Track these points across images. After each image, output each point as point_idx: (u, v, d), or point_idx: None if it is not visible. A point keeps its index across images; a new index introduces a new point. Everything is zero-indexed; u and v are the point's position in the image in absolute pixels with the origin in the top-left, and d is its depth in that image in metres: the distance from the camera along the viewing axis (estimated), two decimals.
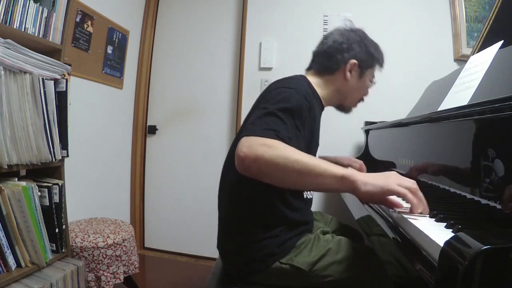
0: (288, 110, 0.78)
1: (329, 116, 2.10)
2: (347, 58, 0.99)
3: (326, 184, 0.70)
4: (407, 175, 1.11)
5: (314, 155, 0.98)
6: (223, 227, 0.98)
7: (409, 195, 0.65)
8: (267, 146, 0.68)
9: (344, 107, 1.09)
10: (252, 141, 0.69)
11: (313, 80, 1.01)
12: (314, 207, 1.10)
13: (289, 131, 0.76)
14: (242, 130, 0.81)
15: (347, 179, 0.68)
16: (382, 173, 0.71)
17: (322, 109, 1.06)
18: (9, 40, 1.02)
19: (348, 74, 1.00)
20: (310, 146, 0.91)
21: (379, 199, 0.70)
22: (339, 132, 2.10)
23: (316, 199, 2.10)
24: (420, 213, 0.65)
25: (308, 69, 1.07)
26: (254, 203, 0.90)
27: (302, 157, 0.69)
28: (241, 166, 0.70)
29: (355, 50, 0.99)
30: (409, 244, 0.56)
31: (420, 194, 0.66)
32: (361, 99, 1.10)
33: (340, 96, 1.04)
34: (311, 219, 1.04)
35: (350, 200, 1.13)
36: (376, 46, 1.04)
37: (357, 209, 0.98)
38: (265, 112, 0.76)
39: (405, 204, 0.71)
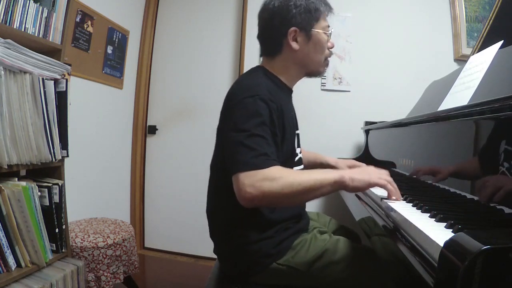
0: (262, 123, 0.79)
1: (329, 117, 2.12)
2: (284, 30, 0.91)
3: (324, 192, 0.77)
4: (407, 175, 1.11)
5: (293, 144, 0.96)
6: (217, 232, 0.98)
7: (388, 186, 0.78)
8: (269, 180, 0.72)
9: (312, 73, 1.00)
10: (252, 178, 0.72)
11: (270, 66, 0.97)
12: (312, 208, 1.09)
13: (271, 144, 0.79)
14: (227, 151, 0.80)
15: (338, 181, 0.76)
16: (362, 168, 0.83)
17: (290, 92, 1.02)
18: (9, 40, 1.02)
19: (294, 44, 0.92)
20: (285, 139, 0.90)
21: (363, 190, 0.81)
22: (339, 132, 2.10)
23: (314, 200, 2.10)
24: (395, 199, 0.79)
25: (262, 56, 1.01)
26: (241, 207, 0.90)
27: (301, 177, 0.75)
28: (250, 205, 0.74)
29: (287, 18, 0.90)
30: (409, 244, 0.56)
31: (395, 184, 0.80)
32: (329, 55, 0.99)
33: (301, 67, 0.97)
34: (301, 213, 1.03)
35: (350, 201, 1.13)
36: None
37: (358, 210, 0.98)
38: (245, 136, 0.76)
39: (380, 193, 0.84)
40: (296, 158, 1.00)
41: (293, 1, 0.91)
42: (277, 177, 0.72)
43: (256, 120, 0.78)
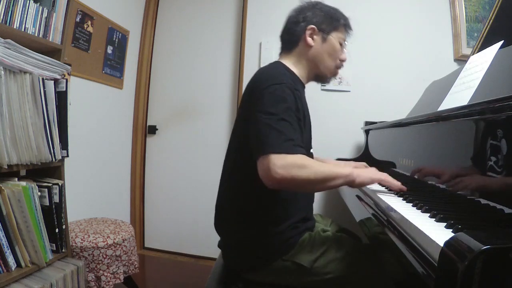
0: (289, 109, 0.83)
1: (329, 117, 2.12)
2: (304, 26, 1.00)
3: (336, 184, 0.85)
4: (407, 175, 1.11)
5: (310, 135, 1.02)
6: (227, 222, 0.99)
7: (389, 178, 0.91)
8: (298, 167, 0.78)
9: (320, 76, 1.07)
10: (284, 161, 0.77)
11: (287, 61, 1.03)
12: (314, 210, 1.10)
13: (297, 130, 0.83)
14: (252, 137, 0.84)
15: (349, 176, 0.84)
16: (366, 168, 0.93)
17: (304, 87, 1.07)
18: (9, 40, 1.02)
19: (309, 40, 1.00)
20: (306, 126, 0.96)
21: (367, 184, 0.91)
22: (339, 132, 2.10)
23: (316, 202, 2.10)
24: (399, 192, 0.91)
25: (280, 53, 1.08)
26: (255, 200, 0.91)
27: (323, 168, 0.82)
28: (277, 186, 0.79)
29: (310, 16, 1.01)
30: (409, 244, 0.56)
31: (395, 181, 0.91)
32: (339, 66, 1.07)
33: (312, 65, 1.04)
34: (310, 213, 1.05)
35: (351, 203, 1.13)
36: (334, 9, 1.05)
37: (358, 211, 0.98)
38: (275, 120, 0.81)
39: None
40: (311, 150, 1.06)
41: (320, 6, 1.03)
42: (305, 164, 0.79)
43: (284, 105, 0.83)
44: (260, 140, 0.80)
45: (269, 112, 0.81)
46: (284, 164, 0.76)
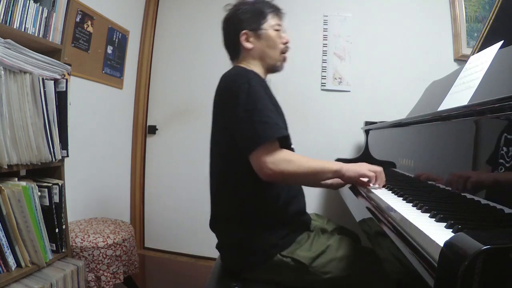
0: (264, 98, 0.88)
1: (329, 117, 2.12)
2: (237, 34, 1.05)
3: (325, 178, 0.91)
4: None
5: (285, 120, 1.03)
6: (223, 222, 1.00)
7: (373, 179, 0.93)
8: (287, 161, 0.84)
9: (271, 68, 1.10)
10: (273, 157, 0.83)
11: (241, 65, 1.06)
12: (310, 209, 1.11)
13: (275, 114, 0.89)
14: (242, 135, 0.88)
15: (338, 170, 0.90)
16: (358, 163, 0.95)
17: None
18: (9, 40, 1.02)
19: (247, 44, 1.05)
20: (280, 116, 0.98)
21: (356, 181, 0.95)
22: (339, 132, 2.10)
23: (312, 201, 2.10)
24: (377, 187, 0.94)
25: (231, 62, 1.14)
26: (249, 197, 0.92)
27: (311, 162, 0.88)
28: (270, 180, 0.86)
29: (237, 23, 1.06)
30: (409, 244, 0.56)
31: (383, 175, 0.94)
32: (284, 50, 1.10)
33: (261, 62, 1.08)
34: (304, 208, 1.07)
35: (351, 203, 1.13)
36: (255, 2, 1.07)
37: (358, 211, 0.98)
38: (255, 112, 0.85)
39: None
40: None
41: (241, 9, 1.06)
42: (293, 159, 0.85)
43: (258, 97, 0.88)
44: (248, 138, 0.85)
45: (247, 109, 0.85)
46: (273, 160, 0.82)
